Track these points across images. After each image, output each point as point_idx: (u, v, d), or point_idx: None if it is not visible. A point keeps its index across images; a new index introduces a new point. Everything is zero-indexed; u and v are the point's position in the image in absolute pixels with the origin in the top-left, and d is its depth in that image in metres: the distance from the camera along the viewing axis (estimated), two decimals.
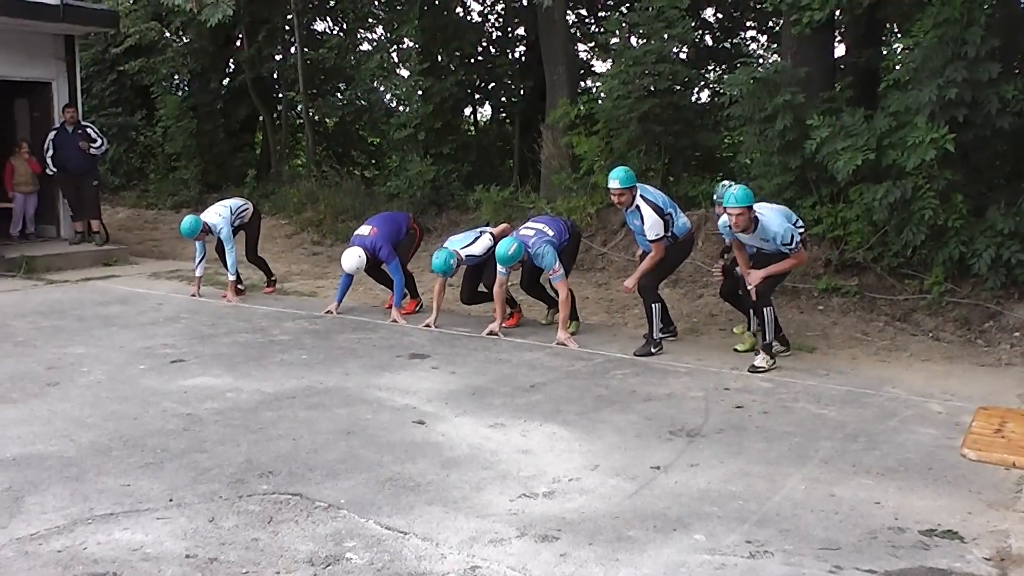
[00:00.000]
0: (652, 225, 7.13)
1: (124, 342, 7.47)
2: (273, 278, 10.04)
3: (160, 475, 4.56)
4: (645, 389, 6.19)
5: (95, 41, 16.69)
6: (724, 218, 6.77)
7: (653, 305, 7.22)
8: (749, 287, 6.83)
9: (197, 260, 9.45)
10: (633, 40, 11.26)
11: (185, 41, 16.78)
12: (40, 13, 11.92)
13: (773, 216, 6.74)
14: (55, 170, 12.09)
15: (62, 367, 6.66)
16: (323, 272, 11.17)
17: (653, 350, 7.13)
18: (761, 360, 6.65)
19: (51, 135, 12.07)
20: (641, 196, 7.20)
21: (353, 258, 8.35)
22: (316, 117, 16.76)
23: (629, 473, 4.62)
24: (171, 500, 4.24)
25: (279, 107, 17.24)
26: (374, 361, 6.92)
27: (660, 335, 7.27)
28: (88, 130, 12.25)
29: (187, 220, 9.31)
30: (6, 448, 4.92)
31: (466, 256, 8.04)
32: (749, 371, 6.57)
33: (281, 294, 9.82)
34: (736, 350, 7.21)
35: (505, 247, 7.55)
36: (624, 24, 11.31)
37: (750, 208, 6.57)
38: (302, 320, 8.43)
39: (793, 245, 6.64)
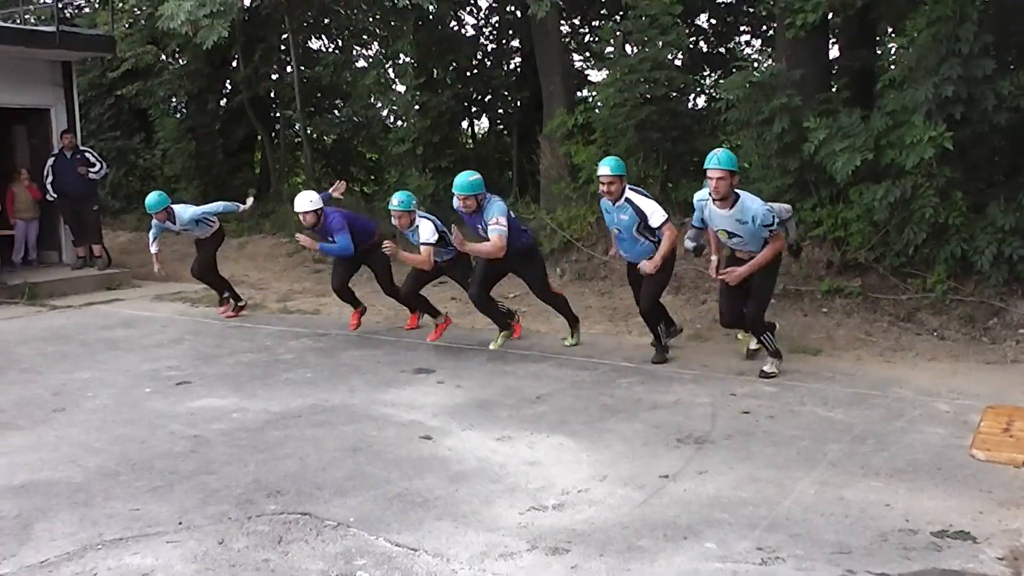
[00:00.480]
0: (655, 211, 6.82)
1: (129, 365, 7.47)
2: (225, 295, 9.64)
3: (169, 498, 4.55)
4: (651, 397, 6.18)
5: (92, 66, 16.75)
6: (701, 193, 6.53)
7: (659, 325, 7.21)
8: (726, 277, 6.57)
9: (152, 238, 9.44)
10: (628, 48, 11.29)
11: (182, 63, 16.84)
12: (37, 40, 12.00)
13: (754, 199, 6.46)
14: (55, 196, 12.12)
15: (68, 392, 6.66)
16: (325, 290, 11.13)
17: (667, 354, 7.19)
18: (770, 366, 6.63)
19: (50, 161, 12.11)
20: (631, 189, 6.96)
21: (305, 199, 8.21)
22: (314, 135, 16.82)
23: (638, 482, 4.61)
24: (180, 523, 4.24)
25: (277, 126, 17.29)
26: (379, 377, 6.91)
27: (666, 340, 7.31)
28: (87, 155, 12.29)
29: (155, 194, 9.20)
30: (14, 475, 4.92)
31: (417, 222, 7.73)
32: (760, 376, 6.55)
33: (284, 313, 9.82)
34: (750, 349, 7.13)
35: (466, 175, 7.31)
36: (618, 32, 11.34)
37: (732, 174, 6.26)
38: (306, 338, 8.43)
39: (774, 226, 6.32)
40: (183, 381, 6.92)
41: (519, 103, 15.08)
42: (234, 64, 16.86)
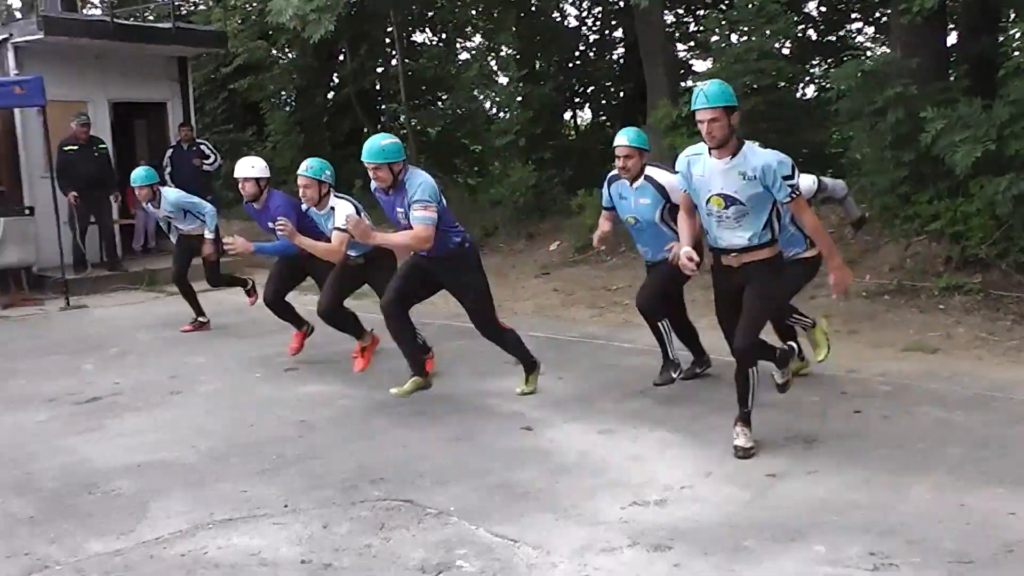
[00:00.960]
0: (675, 184, 5.40)
1: (240, 351, 7.71)
2: (249, 286, 8.98)
3: (276, 481, 4.67)
4: (758, 394, 6.00)
5: (206, 62, 17.34)
6: (691, 148, 5.00)
7: (660, 323, 6.14)
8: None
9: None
10: (733, 37, 11.06)
11: (291, 58, 17.30)
12: (154, 37, 12.53)
13: (765, 149, 4.87)
14: (173, 186, 12.59)
15: (183, 376, 6.91)
16: None
17: (674, 375, 6.21)
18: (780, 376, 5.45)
19: (168, 153, 12.60)
20: (651, 166, 5.86)
21: (247, 164, 7.04)
22: (419, 127, 17.03)
23: (743, 480, 4.50)
24: (286, 506, 4.33)
25: (382, 118, 17.60)
26: (481, 367, 6.94)
27: (677, 359, 6.24)
28: (202, 147, 12.73)
29: (141, 168, 8.77)
30: (133, 455, 5.13)
31: (332, 203, 6.32)
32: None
33: None
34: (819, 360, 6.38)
35: (378, 138, 5.74)
36: (723, 22, 11.12)
37: (728, 112, 4.58)
38: None
39: (794, 179, 4.67)
40: (291, 367, 7.10)
41: (622, 94, 14.98)
42: (341, 58, 17.23)
